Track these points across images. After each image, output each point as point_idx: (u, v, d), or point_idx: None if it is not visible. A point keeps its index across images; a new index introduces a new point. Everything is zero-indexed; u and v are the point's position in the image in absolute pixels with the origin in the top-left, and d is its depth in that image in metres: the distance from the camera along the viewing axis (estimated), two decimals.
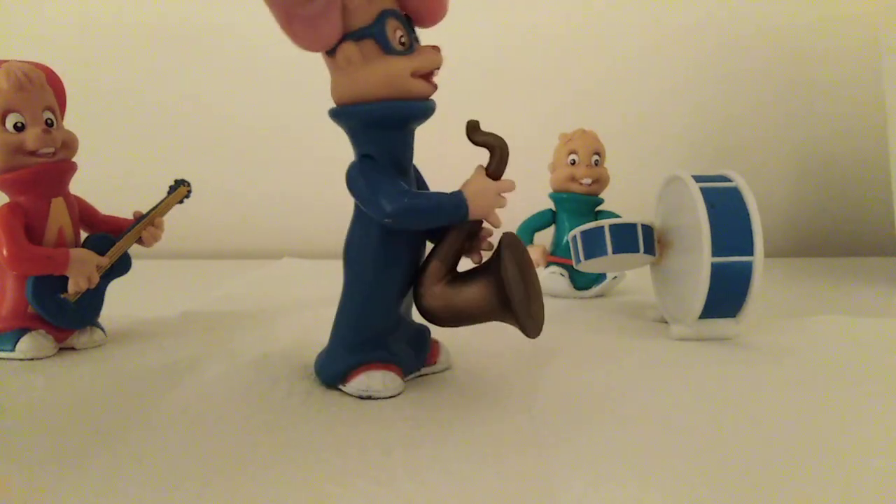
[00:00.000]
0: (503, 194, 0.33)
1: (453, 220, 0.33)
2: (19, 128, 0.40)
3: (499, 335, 0.48)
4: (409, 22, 0.33)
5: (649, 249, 0.49)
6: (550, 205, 0.68)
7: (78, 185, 0.44)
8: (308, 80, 1.06)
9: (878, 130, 0.83)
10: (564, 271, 0.64)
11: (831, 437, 0.28)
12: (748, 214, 0.42)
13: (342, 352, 0.35)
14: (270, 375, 0.37)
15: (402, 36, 0.32)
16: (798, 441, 0.28)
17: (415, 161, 0.36)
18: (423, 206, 0.32)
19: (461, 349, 0.44)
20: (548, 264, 0.66)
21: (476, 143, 0.33)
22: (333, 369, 0.35)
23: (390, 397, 0.34)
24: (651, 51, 1.02)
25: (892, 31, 0.69)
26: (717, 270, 0.41)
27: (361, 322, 0.34)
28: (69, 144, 0.42)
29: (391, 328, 0.35)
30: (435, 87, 0.33)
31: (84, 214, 0.45)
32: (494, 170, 0.33)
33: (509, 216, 0.69)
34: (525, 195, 0.74)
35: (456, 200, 0.32)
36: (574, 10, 1.01)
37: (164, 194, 0.48)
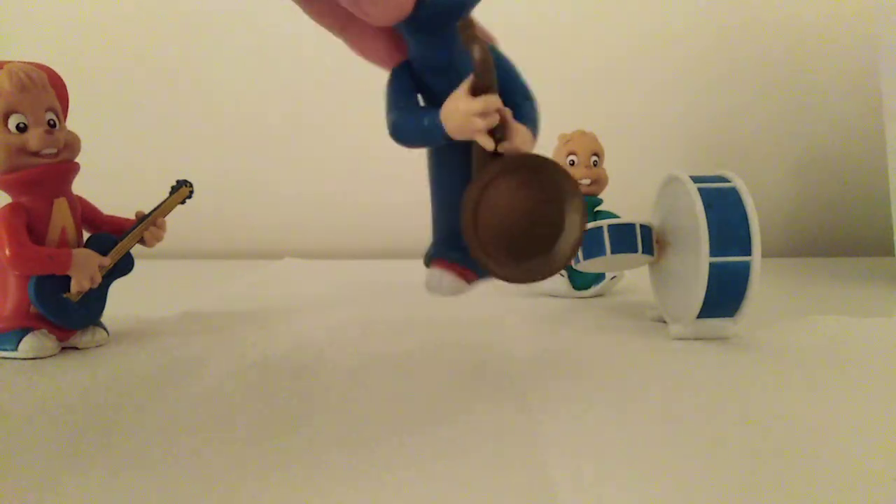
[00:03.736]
0: (482, 113, 0.29)
1: (438, 140, 0.31)
2: (22, 128, 0.40)
3: (498, 334, 0.48)
4: None
5: (648, 249, 0.50)
6: None
7: (81, 186, 0.45)
8: (310, 81, 1.07)
9: (876, 130, 0.83)
10: (563, 271, 0.65)
11: (830, 437, 0.28)
12: (746, 214, 0.42)
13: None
14: (273, 376, 0.37)
15: None
16: (796, 440, 0.28)
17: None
18: (404, 125, 0.32)
19: (460, 348, 0.44)
20: None
21: (464, 44, 0.30)
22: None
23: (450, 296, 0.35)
24: (650, 52, 1.02)
25: (890, 31, 0.69)
26: (715, 270, 0.42)
27: (434, 224, 0.36)
28: (71, 145, 0.42)
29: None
30: None
31: (86, 215, 0.45)
32: (473, 85, 0.29)
33: None
34: None
35: (433, 121, 0.30)
36: (572, 10, 1.01)
37: (166, 195, 0.48)
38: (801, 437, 0.28)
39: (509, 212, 0.30)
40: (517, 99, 0.33)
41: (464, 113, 0.29)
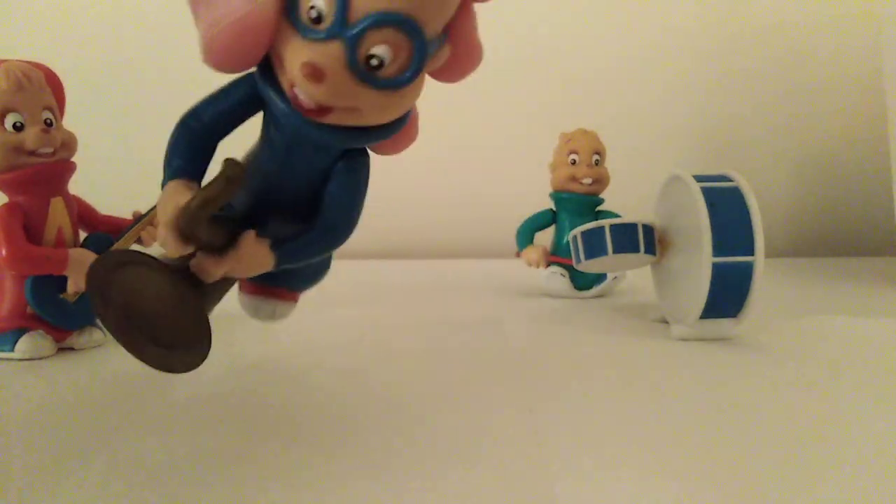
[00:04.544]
0: (170, 240, 0.24)
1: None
2: (18, 127, 0.40)
3: (500, 335, 0.48)
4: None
5: (650, 249, 0.49)
6: (551, 204, 0.68)
7: (78, 186, 0.44)
8: None
9: (879, 129, 0.83)
10: (565, 271, 0.64)
11: (833, 438, 0.28)
12: (749, 214, 0.42)
13: None
14: (271, 377, 0.37)
15: (314, 6, 0.21)
16: (799, 441, 0.28)
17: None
18: (168, 145, 0.27)
19: (461, 349, 0.44)
20: (548, 264, 0.66)
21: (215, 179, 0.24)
22: None
23: None
24: (652, 50, 1.02)
25: (893, 30, 0.69)
26: (717, 270, 0.41)
27: None
28: (68, 144, 0.42)
29: None
30: (310, 109, 0.23)
31: (83, 214, 0.45)
32: (175, 228, 0.25)
33: (510, 216, 0.70)
34: (526, 195, 0.74)
35: (164, 181, 0.26)
36: (575, 8, 1.01)
37: None
38: (804, 438, 0.28)
39: (148, 298, 0.26)
40: (312, 224, 0.27)
41: (166, 218, 0.25)
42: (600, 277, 0.64)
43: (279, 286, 0.33)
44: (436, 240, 1.04)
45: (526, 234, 0.67)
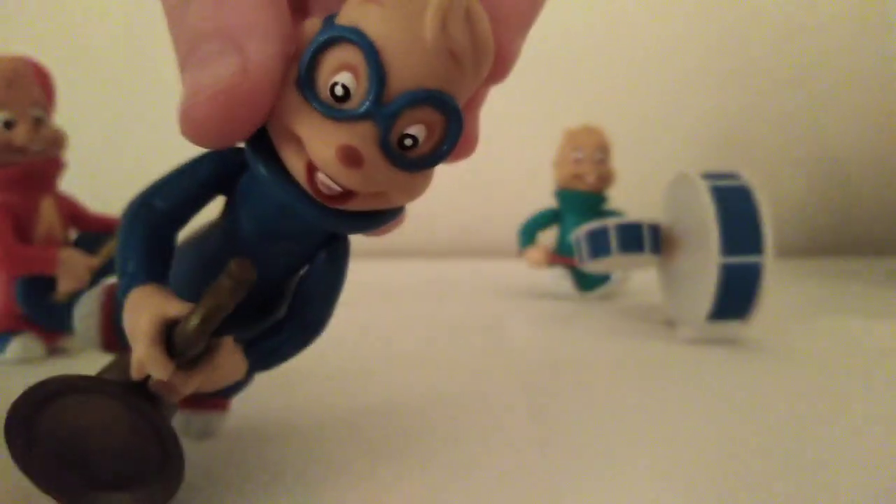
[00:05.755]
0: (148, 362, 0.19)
1: (119, 291, 0.21)
2: (7, 124, 0.39)
3: (503, 337, 0.48)
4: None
5: (655, 249, 0.49)
6: (554, 202, 0.67)
7: (68, 184, 0.44)
8: None
9: (893, 126, 0.81)
10: (569, 272, 0.63)
11: (844, 443, 0.28)
12: (758, 213, 0.41)
13: None
14: (268, 378, 0.37)
15: (339, 83, 0.18)
16: (809, 447, 0.27)
17: None
18: (120, 241, 0.21)
19: (463, 350, 0.43)
20: (551, 264, 0.65)
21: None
22: None
23: None
24: (660, 47, 1.01)
25: None
26: (725, 271, 0.41)
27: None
28: (58, 141, 0.41)
29: None
30: (332, 196, 0.19)
31: (74, 213, 0.44)
32: (178, 343, 0.20)
33: (512, 214, 0.69)
34: (529, 193, 0.74)
35: (125, 286, 0.21)
36: (581, 4, 1.00)
37: None
38: (814, 443, 0.28)
39: (93, 430, 0.22)
40: (286, 321, 0.24)
41: (141, 333, 0.20)
42: (605, 278, 0.63)
43: (211, 395, 0.28)
44: (437, 239, 1.04)
45: (528, 234, 0.66)
